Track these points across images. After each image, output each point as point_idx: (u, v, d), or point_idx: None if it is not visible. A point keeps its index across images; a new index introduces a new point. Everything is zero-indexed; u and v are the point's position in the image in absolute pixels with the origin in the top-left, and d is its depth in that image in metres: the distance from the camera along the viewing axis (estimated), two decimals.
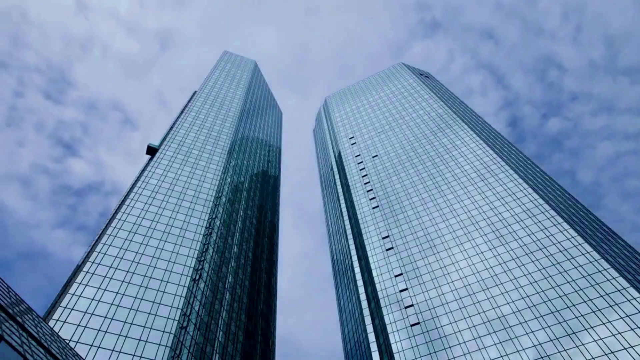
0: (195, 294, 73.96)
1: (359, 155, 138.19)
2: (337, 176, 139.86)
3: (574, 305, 66.46)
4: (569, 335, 63.00)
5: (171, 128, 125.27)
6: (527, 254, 78.40)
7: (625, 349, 58.10)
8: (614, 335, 60.27)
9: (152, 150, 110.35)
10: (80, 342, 57.18)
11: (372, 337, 79.93)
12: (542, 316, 67.32)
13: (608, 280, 67.45)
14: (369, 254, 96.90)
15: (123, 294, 66.97)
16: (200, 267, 79.62)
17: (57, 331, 57.22)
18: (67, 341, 56.25)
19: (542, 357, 62.12)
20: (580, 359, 59.58)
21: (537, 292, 71.10)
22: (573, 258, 73.53)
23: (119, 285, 68.28)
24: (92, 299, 64.07)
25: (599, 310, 64.15)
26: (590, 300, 66.02)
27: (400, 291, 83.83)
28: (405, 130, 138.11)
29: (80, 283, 65.90)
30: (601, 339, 60.56)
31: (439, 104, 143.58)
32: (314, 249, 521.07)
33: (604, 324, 62.18)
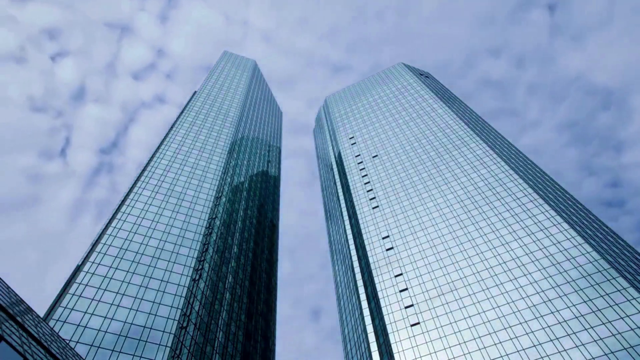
0: (195, 294, 73.96)
1: (359, 155, 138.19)
2: (337, 176, 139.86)
3: (574, 305, 66.47)
4: (569, 335, 63.01)
5: (171, 128, 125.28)
6: (527, 254, 78.41)
7: (625, 349, 58.10)
8: (614, 335, 60.27)
9: None
10: (80, 342, 57.19)
11: (372, 337, 79.93)
12: (542, 316, 67.33)
13: (608, 280, 67.45)
14: (369, 254, 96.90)
15: (123, 294, 66.99)
16: (200, 267, 79.62)
17: (57, 331, 57.21)
18: (67, 341, 56.23)
19: (542, 357, 62.12)
20: (581, 359, 59.58)
21: (537, 292, 71.10)
22: (573, 258, 73.53)
23: (119, 285, 68.30)
24: (92, 299, 64.08)
25: (599, 310, 64.15)
26: (590, 300, 66.03)
27: (400, 291, 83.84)
28: (405, 130, 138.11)
29: (80, 283, 65.91)
30: (601, 339, 60.57)
31: (439, 104, 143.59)
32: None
33: (604, 324, 62.19)
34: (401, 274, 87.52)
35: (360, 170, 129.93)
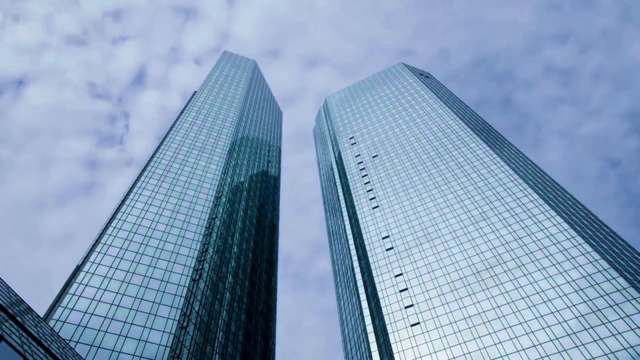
0: (195, 294, 73.95)
1: (359, 155, 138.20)
2: (337, 176, 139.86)
3: (574, 305, 66.48)
4: (568, 335, 63.01)
5: (171, 128, 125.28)
6: (527, 254, 78.41)
7: (625, 349, 58.11)
8: (613, 335, 60.28)
9: None
10: (80, 342, 57.19)
11: (372, 337, 79.93)
12: (542, 316, 67.34)
13: (608, 280, 67.45)
14: (369, 254, 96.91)
15: (123, 294, 66.98)
16: (200, 267, 79.61)
17: (57, 331, 57.21)
18: (67, 341, 56.25)
19: (542, 357, 62.12)
20: (580, 359, 59.58)
21: (537, 292, 71.09)
22: (573, 258, 73.53)
23: (119, 285, 68.29)
24: (92, 299, 64.07)
25: (599, 310, 64.15)
26: (590, 300, 66.03)
27: (400, 291, 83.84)
28: (405, 130, 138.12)
29: (80, 283, 65.91)
30: (601, 339, 60.57)
31: (439, 104, 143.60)
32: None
33: (604, 324, 62.19)
34: (401, 274, 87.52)
35: (360, 170, 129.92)
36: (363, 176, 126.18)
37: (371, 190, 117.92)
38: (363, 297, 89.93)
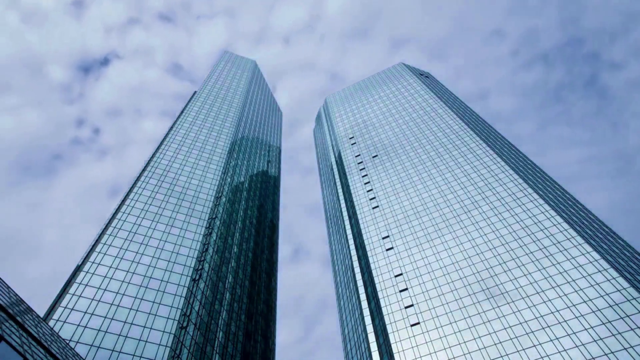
0: (195, 294, 73.96)
1: (359, 155, 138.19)
2: (337, 176, 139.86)
3: (573, 305, 66.49)
4: (568, 335, 63.02)
5: (171, 128, 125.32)
6: (527, 254, 78.42)
7: (625, 349, 58.11)
8: (613, 335, 60.29)
9: None
10: (80, 342, 57.20)
11: (372, 337, 79.94)
12: (542, 316, 67.35)
13: (608, 280, 67.46)
14: (369, 254, 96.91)
15: (123, 294, 66.99)
16: (200, 267, 79.63)
17: (57, 331, 57.23)
18: (67, 341, 56.27)
19: (542, 357, 62.13)
20: (580, 359, 59.58)
21: (537, 292, 71.11)
22: (573, 258, 73.53)
23: (119, 285, 68.30)
24: (92, 299, 64.08)
25: (599, 310, 64.17)
26: (590, 300, 66.05)
27: (400, 291, 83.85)
28: (405, 131, 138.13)
29: (80, 283, 65.92)
30: (601, 339, 60.58)
31: (439, 104, 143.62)
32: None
33: (603, 323, 62.20)
34: (401, 274, 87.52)
35: (360, 170, 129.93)
36: (363, 176, 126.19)
37: (371, 190, 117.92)
38: (363, 297, 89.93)
